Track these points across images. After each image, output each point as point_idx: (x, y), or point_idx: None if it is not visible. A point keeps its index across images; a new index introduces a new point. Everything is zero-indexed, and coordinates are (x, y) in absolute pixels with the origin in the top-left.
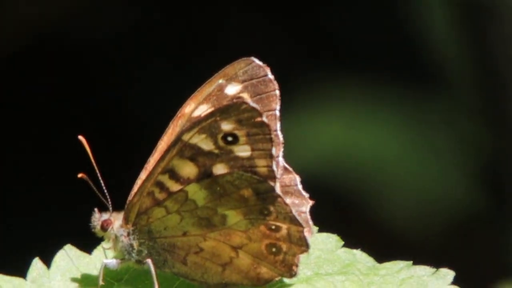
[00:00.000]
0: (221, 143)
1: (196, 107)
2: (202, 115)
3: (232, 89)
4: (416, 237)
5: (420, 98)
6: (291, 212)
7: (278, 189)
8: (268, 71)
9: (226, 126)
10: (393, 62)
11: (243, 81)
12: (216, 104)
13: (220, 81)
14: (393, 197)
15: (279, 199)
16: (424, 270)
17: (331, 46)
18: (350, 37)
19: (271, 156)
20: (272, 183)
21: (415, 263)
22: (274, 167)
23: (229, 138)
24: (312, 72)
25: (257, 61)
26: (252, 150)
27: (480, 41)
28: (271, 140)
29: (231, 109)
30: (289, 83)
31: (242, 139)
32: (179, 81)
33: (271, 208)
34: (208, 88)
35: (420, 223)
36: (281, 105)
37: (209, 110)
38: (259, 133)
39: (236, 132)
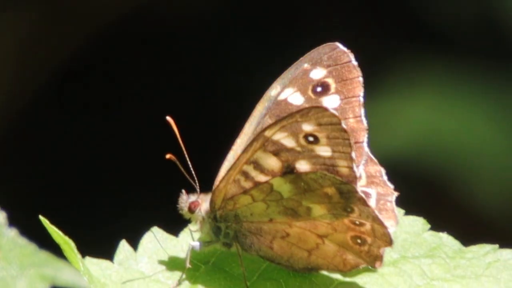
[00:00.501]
0: (302, 142)
1: (282, 90)
2: (283, 115)
3: (317, 73)
4: (503, 221)
5: (507, 81)
6: (373, 212)
7: (359, 191)
8: (352, 57)
9: (307, 127)
10: (478, 45)
11: (327, 66)
12: (302, 88)
13: (305, 65)
14: (480, 181)
15: (361, 201)
16: (510, 254)
17: (415, 29)
18: (434, 20)
19: (351, 159)
20: (353, 184)
21: (501, 247)
22: (355, 168)
23: (310, 138)
24: (396, 56)
25: (341, 47)
26: (333, 151)
27: None
28: (350, 145)
29: (311, 113)
30: (374, 68)
31: (323, 140)
32: (266, 63)
33: (354, 207)
34: (293, 71)
35: (507, 208)
36: (366, 91)
37: (295, 94)
38: (339, 137)
39: (317, 133)
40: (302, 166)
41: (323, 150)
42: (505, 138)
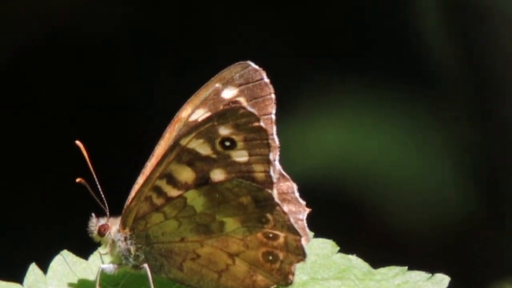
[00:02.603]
0: (218, 148)
1: (193, 112)
2: (200, 119)
3: (228, 93)
4: (414, 241)
5: (420, 102)
6: (289, 220)
7: (276, 197)
8: (264, 74)
9: (224, 131)
10: (392, 66)
11: (239, 85)
12: (213, 108)
13: (217, 85)
14: (392, 203)
15: (277, 208)
16: (419, 275)
17: (331, 49)
18: (350, 40)
19: (268, 162)
20: (269, 190)
21: (413, 268)
22: (272, 173)
23: (227, 143)
24: (311, 75)
25: (253, 65)
26: (250, 155)
27: (475, 44)
28: (268, 145)
29: (228, 113)
30: (288, 87)
31: (240, 144)
32: (176, 85)
33: (269, 216)
34: (204, 92)
35: (418, 227)
36: (281, 109)
37: (206, 115)
38: (257, 138)
39: (234, 137)
40: (217, 175)
41: (240, 155)
42: (417, 160)
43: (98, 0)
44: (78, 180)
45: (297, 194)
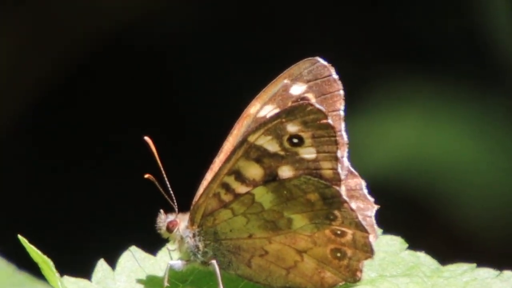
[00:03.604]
0: (286, 145)
1: (262, 108)
2: (268, 116)
3: (297, 89)
4: (482, 238)
5: (489, 99)
6: (357, 217)
7: (344, 194)
8: (333, 70)
9: (292, 128)
10: (464, 64)
11: (307, 81)
12: (281, 104)
13: (285, 81)
14: (461, 200)
15: (345, 205)
16: (488, 273)
17: (402, 45)
18: (421, 38)
19: (336, 159)
20: (337, 187)
21: (481, 265)
22: (340, 170)
23: (295, 140)
24: (381, 72)
25: (321, 61)
26: (317, 152)
27: None
28: (336, 142)
29: (297, 110)
30: (357, 84)
31: (308, 141)
32: (245, 80)
33: (337, 213)
34: (273, 88)
35: (487, 225)
36: (350, 106)
37: (275, 111)
38: (324, 135)
39: (302, 134)
40: (285, 172)
41: (308, 152)
42: (488, 158)
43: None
44: (146, 176)
45: (365, 191)
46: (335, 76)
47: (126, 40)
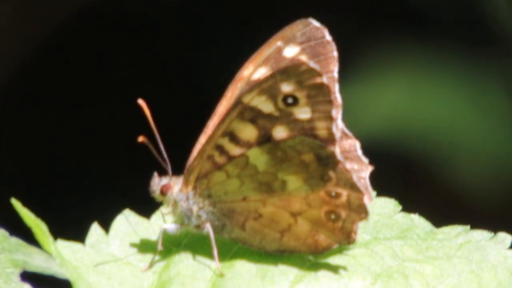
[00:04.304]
0: (281, 105)
1: (255, 70)
2: (262, 77)
3: (290, 51)
4: (476, 201)
5: (484, 64)
6: (351, 178)
7: (339, 154)
8: (326, 32)
9: (286, 88)
10: (457, 28)
11: (301, 43)
12: (275, 66)
13: (279, 43)
14: (454, 162)
15: (340, 165)
16: (481, 235)
17: (396, 8)
18: (414, 2)
19: (331, 118)
20: (332, 147)
21: (475, 227)
22: (335, 130)
23: (289, 100)
24: (375, 35)
25: (315, 23)
26: (312, 112)
27: None
28: (331, 102)
29: (291, 70)
30: (351, 46)
31: (302, 101)
32: (237, 44)
33: (332, 174)
34: (266, 50)
35: (481, 188)
36: (344, 69)
37: (268, 73)
38: (319, 94)
39: (296, 93)
40: (280, 133)
41: (302, 112)
42: (481, 120)
43: None
44: (140, 139)
45: (360, 152)
46: (328, 37)
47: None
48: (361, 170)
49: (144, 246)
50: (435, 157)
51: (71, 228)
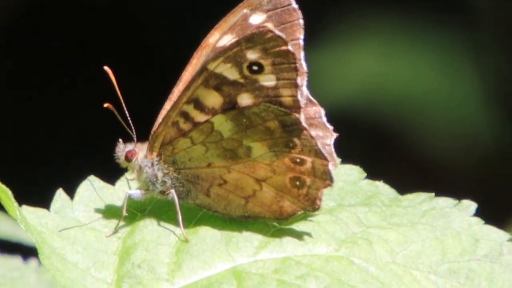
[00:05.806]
0: (246, 72)
1: (221, 37)
2: (227, 44)
3: (256, 19)
4: (442, 169)
5: (453, 32)
6: (316, 145)
7: (303, 121)
8: (293, 0)
9: (252, 55)
10: None
11: (267, 11)
12: (241, 33)
13: (245, 10)
14: (421, 129)
15: (304, 132)
16: (446, 202)
17: None
18: None
19: (296, 86)
20: (297, 114)
21: (440, 195)
22: (299, 97)
23: (254, 67)
24: (344, 2)
25: None
26: (277, 79)
27: None
28: (296, 69)
29: (256, 37)
30: (321, 14)
31: (267, 68)
32: (203, 11)
33: (297, 141)
34: (232, 17)
35: (447, 155)
36: (310, 36)
37: (234, 40)
38: (284, 62)
39: (261, 61)
40: (244, 100)
41: (267, 80)
42: (448, 89)
43: None
44: (105, 105)
45: (324, 119)
46: (294, 5)
47: None
48: (325, 137)
49: (109, 212)
50: (402, 124)
51: (36, 194)
